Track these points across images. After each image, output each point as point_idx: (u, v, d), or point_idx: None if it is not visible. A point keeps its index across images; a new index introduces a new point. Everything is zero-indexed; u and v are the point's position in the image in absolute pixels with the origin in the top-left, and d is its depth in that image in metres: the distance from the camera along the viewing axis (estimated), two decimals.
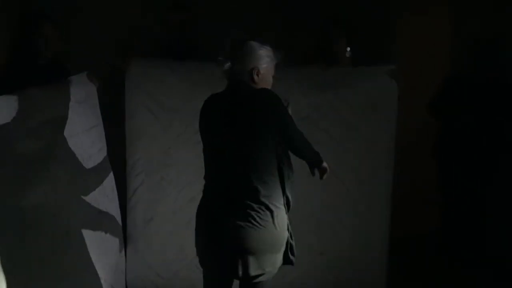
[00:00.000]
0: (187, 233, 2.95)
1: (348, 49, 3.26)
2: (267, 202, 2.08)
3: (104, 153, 2.74)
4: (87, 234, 2.48)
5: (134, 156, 2.92)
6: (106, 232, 2.67)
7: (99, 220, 2.63)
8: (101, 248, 2.59)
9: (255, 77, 2.11)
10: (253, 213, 2.06)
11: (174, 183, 2.94)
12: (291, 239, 2.23)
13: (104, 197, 2.68)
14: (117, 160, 2.91)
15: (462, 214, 3.60)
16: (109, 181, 2.77)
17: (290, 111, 2.20)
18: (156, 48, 3.29)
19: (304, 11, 3.90)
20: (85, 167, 2.54)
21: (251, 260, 2.07)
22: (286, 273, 2.37)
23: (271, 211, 2.09)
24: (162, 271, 3.01)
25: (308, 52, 3.43)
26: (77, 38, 3.53)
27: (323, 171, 2.26)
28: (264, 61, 2.13)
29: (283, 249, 2.18)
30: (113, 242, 2.76)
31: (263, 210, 2.08)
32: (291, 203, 2.21)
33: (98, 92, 2.72)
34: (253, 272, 2.09)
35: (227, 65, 2.11)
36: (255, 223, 2.06)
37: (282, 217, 2.15)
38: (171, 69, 2.91)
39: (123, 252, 2.90)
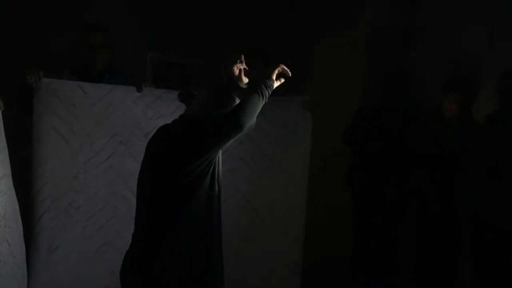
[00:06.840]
0: (96, 263, 2.84)
1: None
2: None
3: (8, 180, 2.49)
4: None
5: (40, 180, 2.75)
6: (5, 268, 2.43)
7: None
8: None
9: None
10: None
11: (82, 209, 2.80)
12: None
13: (5, 228, 2.45)
14: (24, 186, 2.73)
15: (374, 239, 3.73)
16: (13, 211, 2.52)
17: None
18: (71, 69, 3.16)
19: (222, 39, 3.95)
20: None
21: None
22: None
23: None
24: None
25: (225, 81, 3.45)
26: None
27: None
28: None
29: None
30: (13, 278, 2.54)
31: None
32: None
33: (3, 115, 2.51)
34: None
35: None
36: None
37: None
38: (84, 91, 2.81)
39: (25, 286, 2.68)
